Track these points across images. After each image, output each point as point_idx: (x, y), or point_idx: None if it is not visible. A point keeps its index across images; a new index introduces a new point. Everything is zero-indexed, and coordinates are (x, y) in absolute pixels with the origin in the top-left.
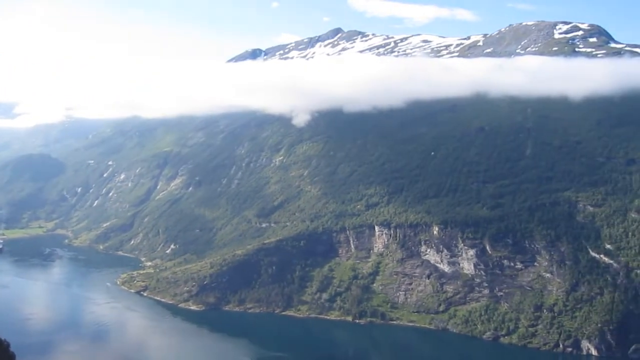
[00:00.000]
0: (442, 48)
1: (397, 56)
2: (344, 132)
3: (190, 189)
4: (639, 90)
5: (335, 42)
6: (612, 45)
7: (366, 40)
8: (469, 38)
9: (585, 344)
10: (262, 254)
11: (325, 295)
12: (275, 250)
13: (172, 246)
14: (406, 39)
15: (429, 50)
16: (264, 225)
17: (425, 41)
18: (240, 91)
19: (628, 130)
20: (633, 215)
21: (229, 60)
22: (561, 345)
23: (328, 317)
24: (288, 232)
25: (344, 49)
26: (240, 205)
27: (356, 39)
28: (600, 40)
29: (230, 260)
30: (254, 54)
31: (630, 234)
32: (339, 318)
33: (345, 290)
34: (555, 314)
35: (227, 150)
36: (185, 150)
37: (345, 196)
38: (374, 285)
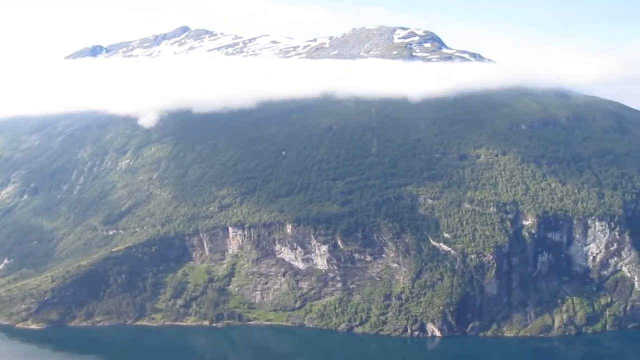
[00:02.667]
0: (290, 49)
1: (246, 56)
2: (194, 133)
3: (25, 197)
4: (469, 92)
5: (183, 41)
6: (444, 50)
7: (214, 40)
8: (315, 40)
9: (430, 327)
10: (110, 263)
11: (180, 301)
12: (125, 258)
13: (5, 261)
14: (255, 39)
15: (278, 51)
16: (111, 232)
17: (273, 42)
18: (81, 90)
19: (460, 129)
20: (466, 206)
21: (67, 57)
22: (409, 330)
23: (184, 324)
24: (138, 238)
25: (191, 48)
26: (84, 212)
27: (204, 37)
28: (434, 45)
29: (75, 272)
30: (95, 51)
31: (464, 223)
32: (195, 323)
33: (201, 294)
34: (403, 301)
35: (67, 154)
36: (18, 155)
37: (197, 198)
38: (230, 287)
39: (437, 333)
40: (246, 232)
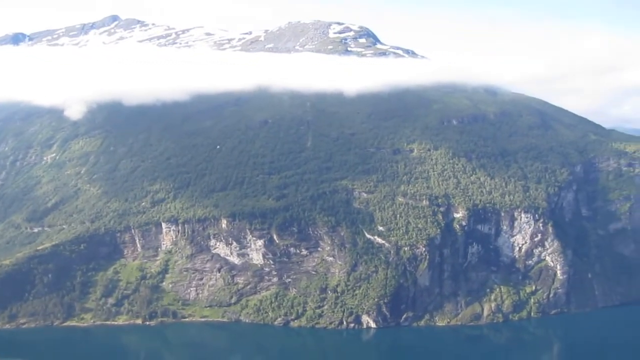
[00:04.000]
0: (224, 41)
1: (179, 48)
2: (124, 126)
3: None
4: (403, 87)
5: (112, 30)
6: (379, 46)
7: (146, 30)
8: (250, 33)
9: (365, 319)
10: (35, 262)
11: (111, 300)
12: (51, 257)
13: None
14: (188, 30)
15: (212, 44)
16: (36, 230)
17: (208, 34)
18: (2, 80)
19: (394, 123)
20: (400, 199)
21: None
22: (345, 323)
23: (116, 323)
24: (65, 235)
25: (121, 38)
26: (6, 209)
27: (135, 27)
28: (369, 41)
29: None
30: (16, 39)
31: (398, 216)
32: (128, 322)
33: (133, 292)
34: (339, 294)
35: None
36: None
37: (128, 194)
38: (164, 284)
39: (372, 324)
40: (180, 228)
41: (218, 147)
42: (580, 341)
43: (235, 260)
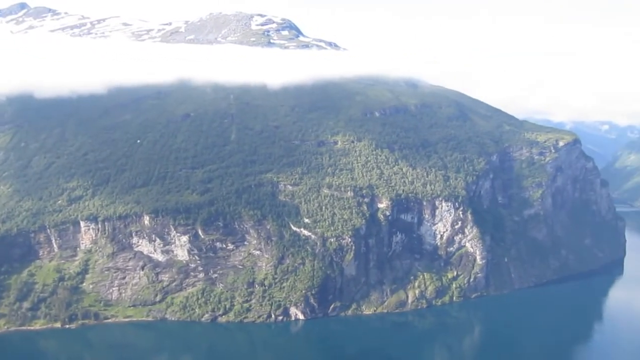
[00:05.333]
0: (143, 32)
1: (94, 38)
2: (37, 120)
3: None
4: (327, 80)
5: (21, 19)
6: (302, 38)
7: (58, 19)
8: (170, 24)
9: (293, 311)
10: None
11: (26, 304)
12: None
13: None
14: (104, 20)
15: (130, 34)
16: None
17: (125, 24)
18: None
19: (318, 116)
20: (325, 191)
21: None
22: (273, 316)
23: (32, 328)
24: None
25: (31, 27)
26: None
27: (46, 16)
28: (291, 33)
29: None
30: None
31: (323, 207)
32: (45, 326)
33: (51, 294)
34: (266, 287)
35: None
36: None
37: (42, 192)
38: (84, 284)
39: (301, 316)
40: (100, 226)
41: (138, 141)
42: (499, 322)
43: (159, 257)
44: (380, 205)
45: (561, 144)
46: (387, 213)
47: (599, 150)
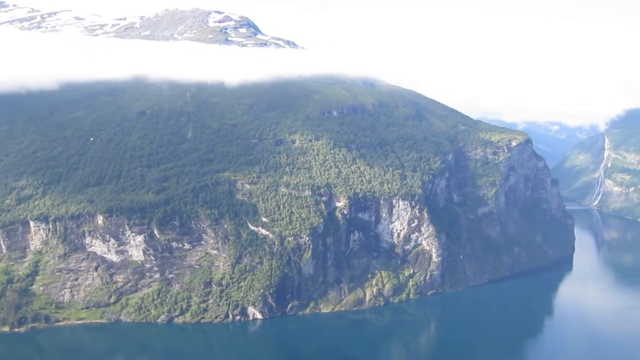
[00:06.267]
0: (96, 27)
1: (45, 32)
2: None
3: None
4: (285, 78)
5: None
6: (260, 36)
7: (6, 12)
8: (125, 19)
9: (251, 310)
10: None
11: None
12: None
13: None
14: (55, 13)
15: (83, 29)
16: None
17: (77, 18)
18: None
19: (276, 114)
20: (283, 190)
21: None
22: (231, 315)
23: None
24: None
25: None
26: None
27: None
28: (249, 31)
29: None
30: None
31: (281, 206)
32: None
33: None
34: (224, 287)
35: None
36: None
37: None
38: (34, 286)
39: (259, 316)
40: (51, 226)
41: (92, 139)
42: (454, 318)
43: (113, 257)
44: (338, 204)
45: (514, 144)
46: (345, 212)
47: (549, 150)
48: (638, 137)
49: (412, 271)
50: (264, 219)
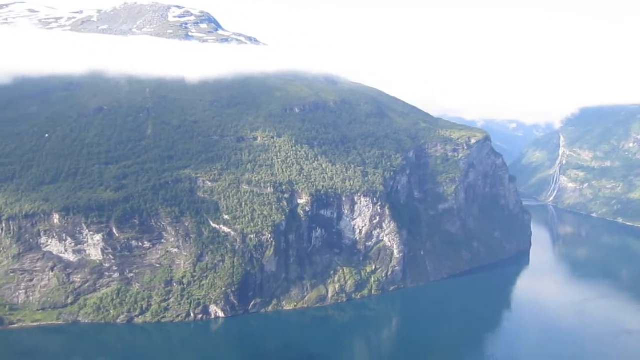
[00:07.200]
0: (51, 20)
1: None
2: None
3: None
4: (246, 74)
5: None
6: (221, 32)
7: None
8: (82, 12)
9: (213, 309)
10: None
11: None
12: None
13: None
14: (7, 5)
15: (37, 22)
16: None
17: (31, 11)
18: None
19: (238, 111)
20: (244, 187)
21: None
22: (192, 314)
23: None
24: None
25: None
26: None
27: None
28: (210, 27)
29: None
30: None
31: (243, 204)
32: None
33: None
34: (185, 285)
35: None
36: None
37: None
38: None
39: (221, 314)
40: (4, 225)
41: (47, 135)
42: (415, 313)
43: (70, 257)
44: (300, 201)
45: (473, 141)
46: (307, 209)
47: (507, 147)
48: (592, 135)
49: (374, 267)
50: (226, 217)
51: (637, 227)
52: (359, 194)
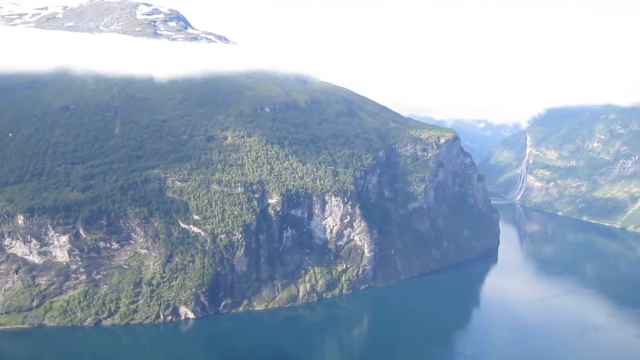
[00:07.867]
0: (15, 16)
1: None
2: None
3: None
4: (216, 73)
5: None
6: (190, 30)
7: None
8: (46, 8)
9: (183, 310)
10: None
11: None
12: None
13: None
14: None
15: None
16: None
17: None
18: None
19: (207, 110)
20: (215, 187)
21: None
22: (162, 316)
23: None
24: None
25: None
26: None
27: None
28: (179, 25)
29: None
30: None
31: (213, 204)
32: None
33: None
34: (154, 287)
35: None
36: None
37: None
38: None
39: (191, 315)
40: None
41: (10, 134)
42: (386, 312)
43: (35, 259)
44: (271, 201)
45: (442, 140)
46: (278, 208)
47: (475, 147)
48: (557, 135)
49: (344, 266)
50: (196, 217)
51: (601, 225)
52: (329, 194)
